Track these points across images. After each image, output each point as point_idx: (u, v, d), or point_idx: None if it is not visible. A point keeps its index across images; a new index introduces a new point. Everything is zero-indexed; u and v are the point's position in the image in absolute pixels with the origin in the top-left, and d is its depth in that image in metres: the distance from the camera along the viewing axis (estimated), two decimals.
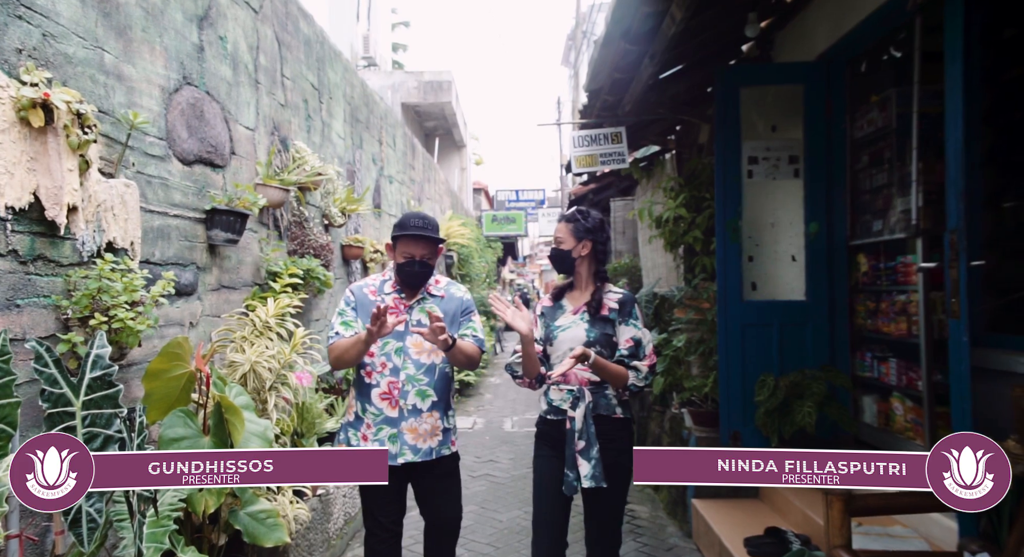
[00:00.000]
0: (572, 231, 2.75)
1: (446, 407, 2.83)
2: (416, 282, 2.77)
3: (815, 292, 4.25)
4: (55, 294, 2.28)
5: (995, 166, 2.86)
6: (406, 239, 2.71)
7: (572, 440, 2.57)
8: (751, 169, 4.34)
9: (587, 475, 2.52)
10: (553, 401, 2.71)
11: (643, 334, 2.69)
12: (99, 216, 2.45)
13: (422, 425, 2.73)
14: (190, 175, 3.23)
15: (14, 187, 2.05)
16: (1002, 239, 2.84)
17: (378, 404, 2.72)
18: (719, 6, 3.54)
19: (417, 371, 2.72)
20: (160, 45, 2.98)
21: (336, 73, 5.73)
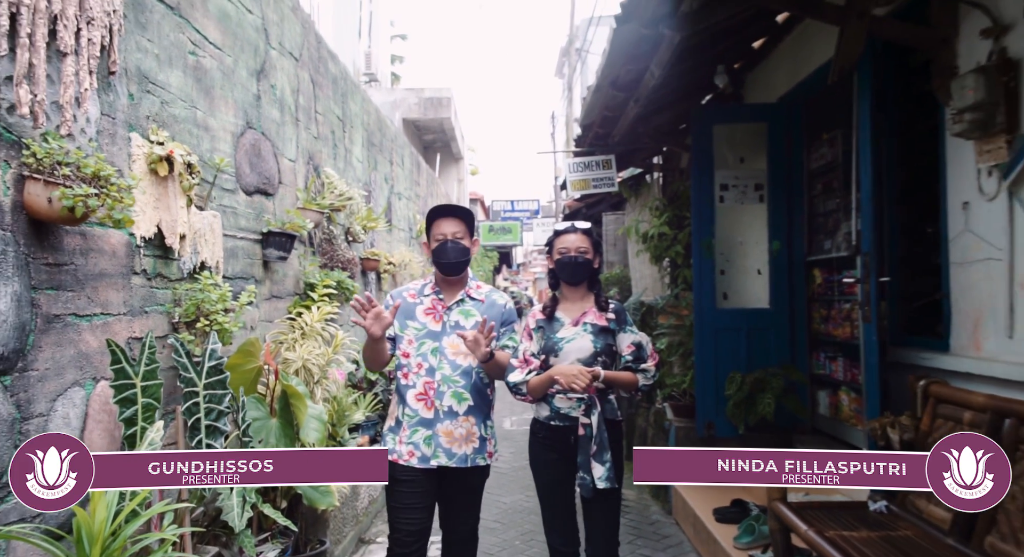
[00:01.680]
0: (592, 244, 2.79)
1: (484, 415, 2.75)
2: (452, 262, 2.70)
3: (777, 301, 4.93)
4: (167, 303, 2.93)
5: (908, 201, 3.54)
6: (436, 222, 2.72)
7: (587, 445, 2.62)
8: (722, 195, 5.03)
9: (601, 477, 2.58)
10: (561, 408, 2.71)
11: (641, 337, 2.77)
12: (195, 241, 3.09)
13: (457, 429, 2.66)
14: (251, 204, 3.88)
15: (145, 222, 2.70)
16: (913, 259, 3.52)
17: (414, 405, 2.68)
18: (691, 61, 4.22)
19: (453, 372, 2.67)
20: (232, 98, 3.64)
21: (356, 104, 6.40)
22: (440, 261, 2.71)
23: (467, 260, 2.73)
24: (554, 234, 2.88)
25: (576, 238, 2.78)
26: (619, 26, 3.34)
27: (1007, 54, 2.57)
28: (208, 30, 3.36)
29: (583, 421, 2.64)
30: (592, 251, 2.78)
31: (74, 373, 2.33)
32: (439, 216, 2.74)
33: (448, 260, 2.69)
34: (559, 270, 2.80)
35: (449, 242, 2.69)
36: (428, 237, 2.76)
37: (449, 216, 2.74)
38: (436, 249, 2.71)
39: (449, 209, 2.77)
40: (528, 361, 2.74)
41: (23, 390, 2.08)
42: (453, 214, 2.75)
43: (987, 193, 2.73)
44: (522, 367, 2.74)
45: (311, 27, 5.10)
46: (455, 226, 2.71)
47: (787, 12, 3.69)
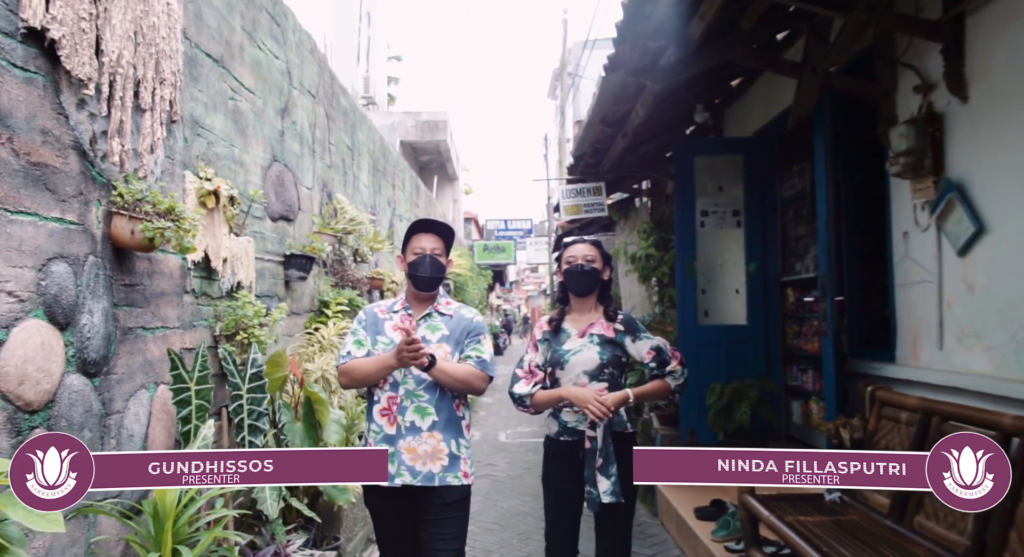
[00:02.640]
0: (600, 254, 2.77)
1: (454, 432, 2.60)
2: (429, 276, 2.62)
3: (754, 318, 5.37)
4: (211, 318, 3.33)
5: (865, 229, 4.00)
6: (416, 236, 2.67)
7: (592, 459, 2.61)
8: (703, 220, 5.48)
9: (606, 491, 2.56)
10: (568, 423, 2.71)
11: (659, 341, 2.72)
12: (233, 264, 3.51)
13: (421, 445, 2.54)
14: (275, 229, 4.30)
15: (196, 248, 3.12)
16: (869, 281, 3.97)
17: (378, 421, 2.59)
18: (673, 101, 4.69)
19: (417, 386, 2.55)
20: (261, 135, 4.07)
21: (363, 133, 6.85)
22: (417, 274, 2.61)
23: (443, 277, 2.67)
24: (563, 246, 2.86)
25: (583, 248, 2.76)
26: (607, 74, 3.80)
27: (933, 108, 3.04)
28: (244, 77, 3.80)
29: (589, 434, 2.63)
30: (600, 261, 2.75)
31: (142, 378, 2.73)
32: (419, 231, 2.68)
33: (426, 274, 2.61)
34: (567, 280, 2.78)
35: (428, 257, 2.61)
36: (405, 251, 2.70)
37: (429, 231, 2.68)
38: (414, 262, 2.62)
39: (429, 224, 2.72)
40: (533, 372, 2.75)
41: (106, 390, 2.48)
42: (433, 230, 2.70)
43: (921, 225, 3.18)
44: (527, 378, 2.74)
45: (326, 66, 5.56)
46: (434, 242, 2.65)
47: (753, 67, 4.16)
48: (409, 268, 2.65)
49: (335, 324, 4.58)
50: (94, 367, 2.38)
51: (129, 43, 2.46)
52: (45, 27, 2.10)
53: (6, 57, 2.01)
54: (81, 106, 2.33)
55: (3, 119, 2.00)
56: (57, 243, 2.22)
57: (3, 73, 2.00)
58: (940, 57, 2.91)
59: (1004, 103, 2.65)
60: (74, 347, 2.28)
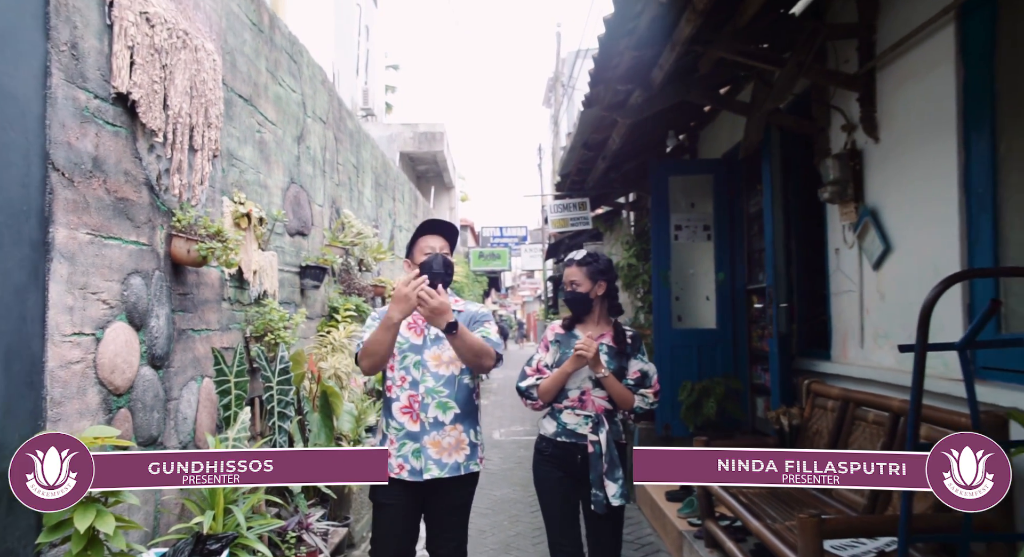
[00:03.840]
0: (587, 274, 2.83)
1: (471, 421, 2.75)
2: (442, 273, 2.67)
3: (723, 323, 5.93)
4: (242, 322, 3.88)
5: (810, 244, 4.56)
6: (423, 237, 2.77)
7: (598, 463, 2.68)
8: (677, 234, 6.05)
9: (615, 494, 2.65)
10: (568, 425, 2.78)
11: (650, 367, 2.83)
12: (260, 275, 4.06)
13: (445, 438, 2.66)
14: (293, 243, 4.85)
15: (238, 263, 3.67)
16: (814, 290, 4.53)
17: (399, 418, 2.69)
18: (646, 128, 5.26)
19: (436, 383, 2.68)
20: (281, 161, 4.63)
21: (367, 152, 7.42)
22: (433, 271, 2.66)
23: (453, 274, 2.74)
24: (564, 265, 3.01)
25: (569, 271, 2.87)
26: (585, 109, 4.37)
27: (855, 146, 3.61)
28: (268, 112, 4.36)
29: (591, 438, 2.70)
30: (588, 282, 2.82)
31: (191, 371, 3.28)
32: (426, 232, 2.80)
33: (439, 270, 2.66)
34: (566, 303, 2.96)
35: (439, 255, 2.71)
36: (412, 252, 2.80)
37: (436, 233, 2.80)
38: (427, 262, 2.69)
39: (436, 225, 2.84)
40: (541, 371, 2.87)
41: (167, 380, 3.03)
42: (439, 231, 2.81)
43: (848, 242, 3.75)
44: (534, 375, 2.86)
45: (334, 94, 6.12)
46: (441, 242, 2.78)
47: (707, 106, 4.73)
48: (421, 268, 2.69)
49: (344, 327, 5.13)
50: (159, 361, 2.93)
51: (186, 97, 3.02)
52: (129, 91, 2.66)
53: (102, 116, 2.57)
54: (151, 150, 2.89)
55: (99, 165, 2.55)
56: (134, 261, 2.77)
57: (99, 129, 2.56)
58: (858, 104, 3.48)
59: (904, 145, 3.22)
60: (146, 344, 2.83)
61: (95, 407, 2.50)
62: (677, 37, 3.15)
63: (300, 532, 3.55)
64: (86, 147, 2.47)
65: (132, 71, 2.67)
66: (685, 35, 3.08)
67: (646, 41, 3.27)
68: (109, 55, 2.60)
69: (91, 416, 2.47)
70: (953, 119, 2.83)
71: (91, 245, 2.50)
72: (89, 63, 2.50)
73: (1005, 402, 2.41)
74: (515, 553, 4.65)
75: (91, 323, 2.49)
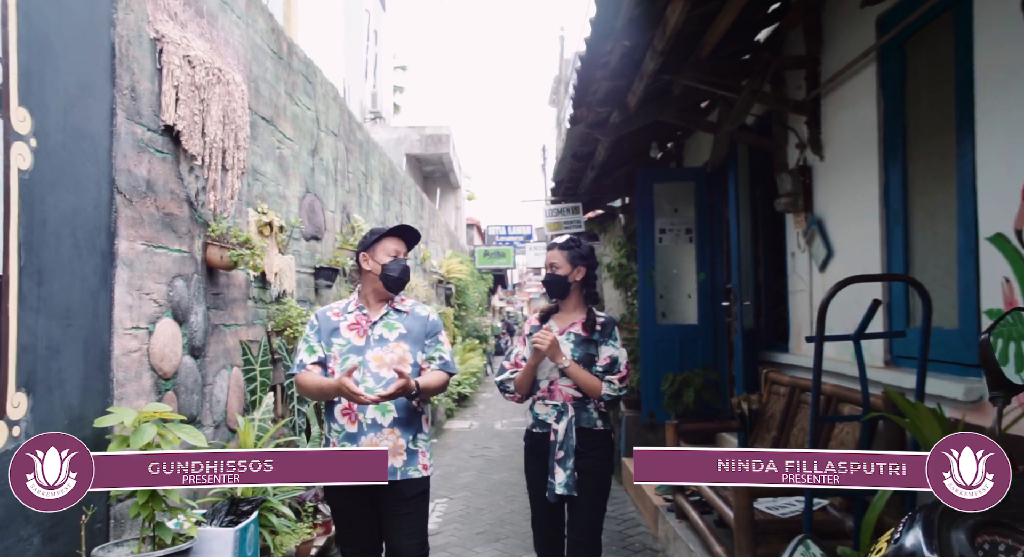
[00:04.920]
0: (567, 258, 2.86)
1: (414, 429, 2.73)
2: (401, 279, 2.74)
3: (703, 318, 6.39)
4: (264, 318, 4.39)
5: (774, 248, 5.03)
6: (389, 239, 2.78)
7: (553, 451, 2.74)
8: (661, 237, 6.52)
9: (561, 483, 2.71)
10: (539, 415, 2.86)
11: (620, 353, 2.84)
12: (280, 276, 4.56)
13: (383, 441, 2.65)
14: (308, 247, 5.36)
15: (263, 267, 4.18)
16: (779, 289, 5.00)
17: (340, 420, 2.69)
18: (632, 139, 5.73)
19: (376, 385, 2.63)
20: (298, 173, 5.13)
21: (375, 159, 7.92)
22: (394, 276, 2.73)
23: (408, 280, 2.81)
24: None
25: (551, 254, 2.92)
26: (571, 127, 4.85)
27: (806, 162, 4.07)
28: (286, 130, 4.86)
29: (554, 427, 2.77)
30: (567, 266, 2.86)
31: (223, 360, 3.78)
32: (393, 235, 2.81)
33: (402, 278, 2.74)
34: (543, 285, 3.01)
35: (403, 261, 2.76)
36: (373, 250, 2.77)
37: (401, 237, 2.83)
38: (389, 265, 2.73)
39: (404, 230, 2.85)
40: (518, 365, 2.94)
41: (203, 368, 3.54)
42: (405, 236, 2.84)
43: (800, 247, 4.22)
44: (511, 369, 2.94)
45: (345, 108, 6.62)
46: (404, 247, 2.81)
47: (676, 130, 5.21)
48: (384, 270, 2.73)
49: None
50: (198, 351, 3.44)
51: (220, 125, 3.52)
52: (174, 123, 3.17)
53: (153, 146, 3.08)
54: (191, 171, 3.39)
55: (151, 186, 3.06)
56: (178, 266, 3.28)
57: (151, 157, 3.07)
58: (806, 126, 3.95)
59: (841, 164, 3.69)
60: (187, 337, 3.34)
61: (148, 389, 3.02)
62: (644, 70, 3.62)
63: (316, 503, 4.05)
64: (141, 172, 2.98)
65: (177, 106, 3.18)
66: (650, 69, 3.55)
67: (618, 73, 3.75)
68: (159, 93, 3.11)
69: (146, 396, 2.99)
70: (875, 145, 3.29)
71: (145, 254, 3.01)
72: (144, 102, 3.00)
73: (908, 384, 2.87)
74: (509, 527, 5.14)
75: (145, 319, 3.00)
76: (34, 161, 2.28)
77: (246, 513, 3.09)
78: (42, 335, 2.32)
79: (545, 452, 2.81)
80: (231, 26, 3.89)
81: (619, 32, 3.19)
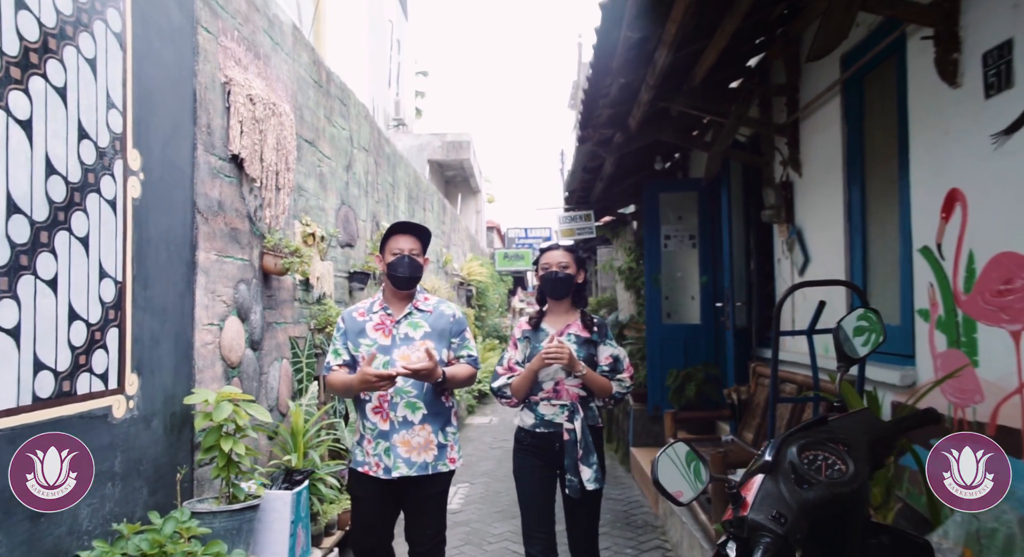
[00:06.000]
0: (574, 259, 2.93)
1: (442, 422, 2.78)
2: (408, 276, 2.77)
3: (705, 318, 6.88)
4: (308, 317, 4.97)
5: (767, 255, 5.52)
6: (393, 237, 2.83)
7: (573, 450, 2.76)
8: (666, 242, 7.02)
9: (589, 479, 2.73)
10: (545, 416, 2.84)
11: (619, 351, 2.91)
12: (321, 280, 5.15)
13: (415, 438, 2.71)
14: (343, 254, 5.94)
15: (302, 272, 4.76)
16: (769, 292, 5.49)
17: (372, 418, 2.75)
18: (637, 153, 6.25)
19: (405, 383, 2.69)
20: (334, 187, 5.72)
21: (401, 170, 8.51)
22: (396, 274, 2.77)
23: (419, 276, 2.83)
24: (540, 252, 3.04)
25: (558, 254, 2.94)
26: (579, 145, 5.38)
27: (788, 178, 4.57)
28: (325, 149, 5.45)
29: (567, 427, 2.78)
30: (574, 266, 2.92)
31: (275, 354, 4.37)
32: (396, 232, 2.84)
33: (405, 274, 2.77)
34: (543, 285, 2.97)
35: (406, 257, 2.77)
36: (383, 251, 2.86)
37: (407, 233, 2.85)
38: (393, 263, 2.77)
39: (406, 226, 2.88)
40: (512, 369, 2.95)
41: (260, 359, 4.12)
42: (410, 232, 2.86)
43: (784, 254, 4.71)
44: (506, 374, 2.95)
45: (375, 125, 7.22)
46: (412, 243, 2.82)
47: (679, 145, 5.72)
48: (388, 269, 2.81)
49: None
50: (256, 345, 4.03)
51: (274, 151, 4.11)
52: (238, 152, 3.75)
53: (223, 172, 3.67)
54: (251, 191, 3.98)
55: (221, 206, 3.65)
56: (240, 272, 3.87)
57: (221, 181, 3.65)
58: (787, 146, 4.45)
59: (816, 181, 4.18)
60: (247, 332, 3.93)
61: (220, 375, 3.61)
62: (640, 99, 4.14)
63: None
64: (214, 194, 3.57)
65: (241, 137, 3.77)
66: (646, 99, 4.07)
67: (619, 101, 4.27)
68: (227, 128, 3.70)
69: (218, 381, 3.57)
70: (840, 166, 3.78)
71: (216, 262, 3.60)
72: (216, 136, 3.60)
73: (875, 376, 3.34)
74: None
75: (217, 317, 3.59)
76: (142, 191, 2.87)
77: (298, 481, 3.66)
78: (147, 329, 2.91)
79: (550, 452, 2.83)
80: (281, 63, 4.48)
81: (616, 71, 3.73)
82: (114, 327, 2.67)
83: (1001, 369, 2.42)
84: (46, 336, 2.30)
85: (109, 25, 2.65)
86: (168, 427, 3.07)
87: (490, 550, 4.65)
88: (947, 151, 2.73)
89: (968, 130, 2.58)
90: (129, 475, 2.76)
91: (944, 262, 2.77)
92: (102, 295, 2.60)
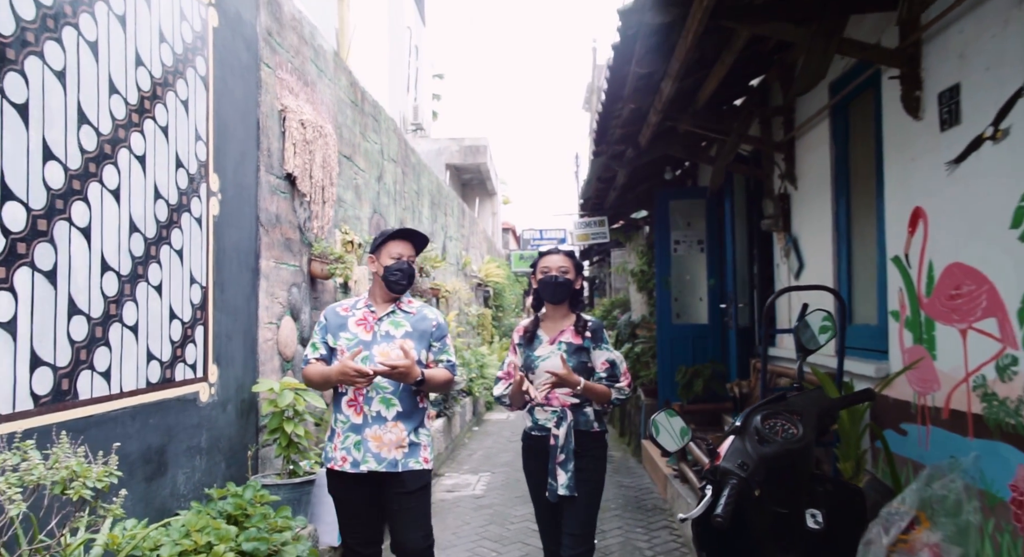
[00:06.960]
0: (574, 265, 2.94)
1: (416, 423, 2.80)
2: (404, 281, 2.82)
3: (713, 319, 7.31)
4: None
5: (766, 260, 5.95)
6: (393, 242, 2.84)
7: (555, 454, 2.79)
8: (676, 247, 7.46)
9: (564, 484, 2.76)
10: (539, 420, 2.89)
11: (616, 356, 2.91)
12: (358, 284, 5.64)
13: (386, 434, 2.73)
14: None
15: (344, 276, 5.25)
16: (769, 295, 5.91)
17: (345, 411, 2.77)
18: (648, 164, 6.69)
19: (382, 379, 2.70)
20: (367, 197, 6.21)
21: (425, 178, 9.01)
22: (394, 279, 2.82)
23: (413, 282, 2.89)
24: (539, 255, 3.02)
25: (558, 259, 2.92)
26: (594, 159, 5.83)
27: (785, 191, 5.00)
28: (360, 163, 5.94)
29: (553, 431, 2.81)
30: (573, 272, 2.92)
31: None
32: (396, 238, 2.88)
33: (403, 281, 2.83)
34: (541, 289, 2.94)
35: (405, 263, 2.83)
36: (379, 253, 2.87)
37: (406, 239, 2.89)
38: (391, 267, 2.81)
39: (407, 233, 2.91)
40: (511, 374, 3.00)
41: None
42: (408, 238, 2.89)
43: (782, 260, 5.14)
44: (506, 379, 3.02)
45: (402, 137, 7.71)
46: (410, 250, 2.87)
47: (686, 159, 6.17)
48: (386, 272, 2.84)
49: None
50: (305, 342, 4.52)
51: (321, 169, 4.60)
52: (292, 171, 4.25)
53: (279, 189, 4.16)
54: (300, 205, 4.48)
55: (278, 219, 4.14)
56: (293, 277, 4.36)
57: (278, 197, 4.15)
58: (784, 162, 4.88)
59: (809, 194, 4.61)
60: (299, 331, 4.42)
61: (277, 368, 4.10)
62: (649, 121, 4.59)
63: None
64: (273, 209, 4.07)
65: (294, 158, 4.26)
66: (654, 121, 4.51)
67: (630, 122, 4.73)
68: (282, 150, 4.20)
69: (276, 373, 4.07)
70: (829, 182, 4.21)
71: (275, 269, 4.09)
72: (274, 157, 4.09)
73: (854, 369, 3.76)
74: None
75: (275, 316, 4.09)
76: (220, 209, 3.37)
77: None
78: (224, 327, 3.40)
79: (544, 454, 2.87)
80: (324, 87, 4.98)
81: (627, 98, 4.18)
82: (200, 325, 3.17)
83: (952, 361, 2.85)
84: (155, 332, 2.80)
85: (197, 70, 3.14)
86: (239, 412, 3.57)
87: (512, 529, 5.12)
88: (912, 174, 3.16)
89: (928, 157, 3.02)
90: (212, 450, 3.26)
91: (911, 270, 3.20)
92: (192, 298, 3.09)
